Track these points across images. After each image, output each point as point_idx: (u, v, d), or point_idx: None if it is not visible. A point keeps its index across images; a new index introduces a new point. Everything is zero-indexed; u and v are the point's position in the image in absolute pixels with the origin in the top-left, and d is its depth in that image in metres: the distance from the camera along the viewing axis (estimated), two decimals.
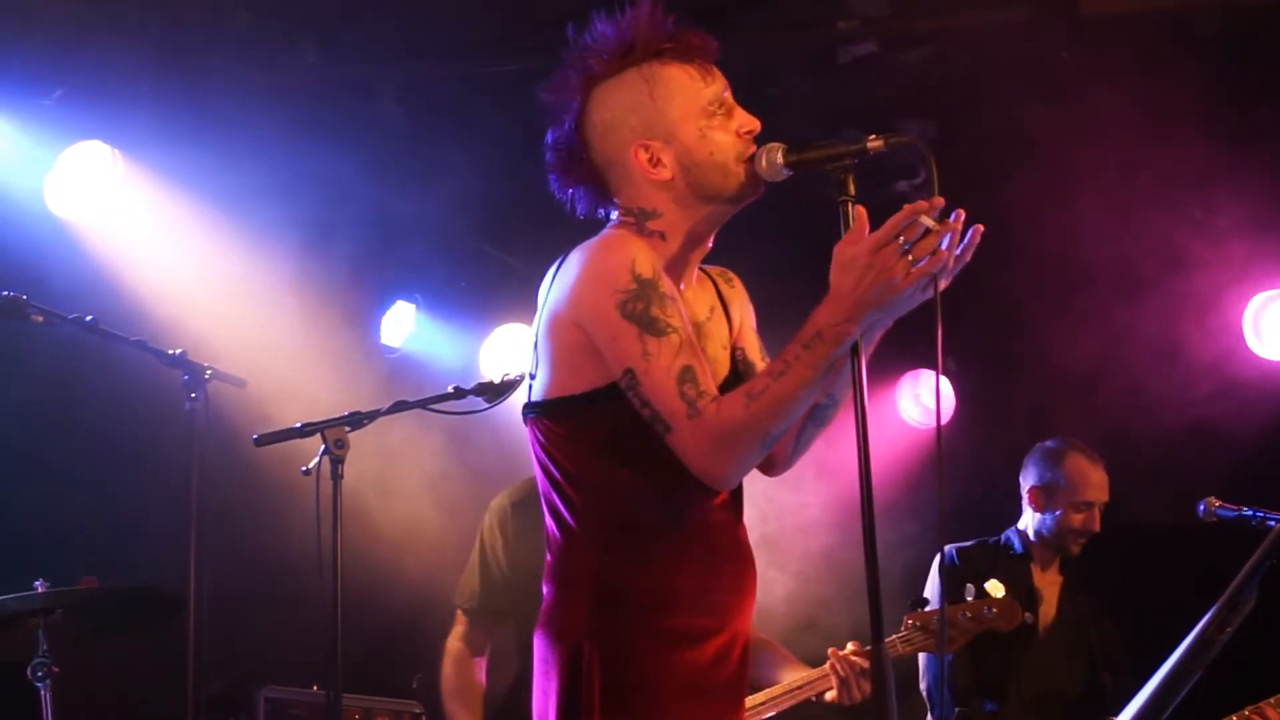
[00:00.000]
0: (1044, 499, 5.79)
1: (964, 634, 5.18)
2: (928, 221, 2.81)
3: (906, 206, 2.82)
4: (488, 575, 4.96)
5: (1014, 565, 5.80)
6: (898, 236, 2.80)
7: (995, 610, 5.19)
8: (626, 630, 2.99)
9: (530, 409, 3.11)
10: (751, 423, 2.87)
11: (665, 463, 2.96)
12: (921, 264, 2.81)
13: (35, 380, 5.55)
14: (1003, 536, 5.91)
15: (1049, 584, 5.86)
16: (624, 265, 2.96)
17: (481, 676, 5.01)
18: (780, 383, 2.86)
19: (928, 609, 5.12)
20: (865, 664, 4.88)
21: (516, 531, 4.93)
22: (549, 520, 3.10)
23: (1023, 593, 5.78)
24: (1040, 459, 5.87)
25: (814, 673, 4.95)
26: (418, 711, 5.60)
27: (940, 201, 2.82)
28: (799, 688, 4.95)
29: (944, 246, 2.82)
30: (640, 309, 2.94)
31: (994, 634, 5.51)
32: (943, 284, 2.87)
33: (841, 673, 4.89)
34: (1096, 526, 5.77)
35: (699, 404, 2.90)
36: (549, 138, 3.19)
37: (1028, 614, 5.78)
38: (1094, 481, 5.79)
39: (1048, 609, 5.83)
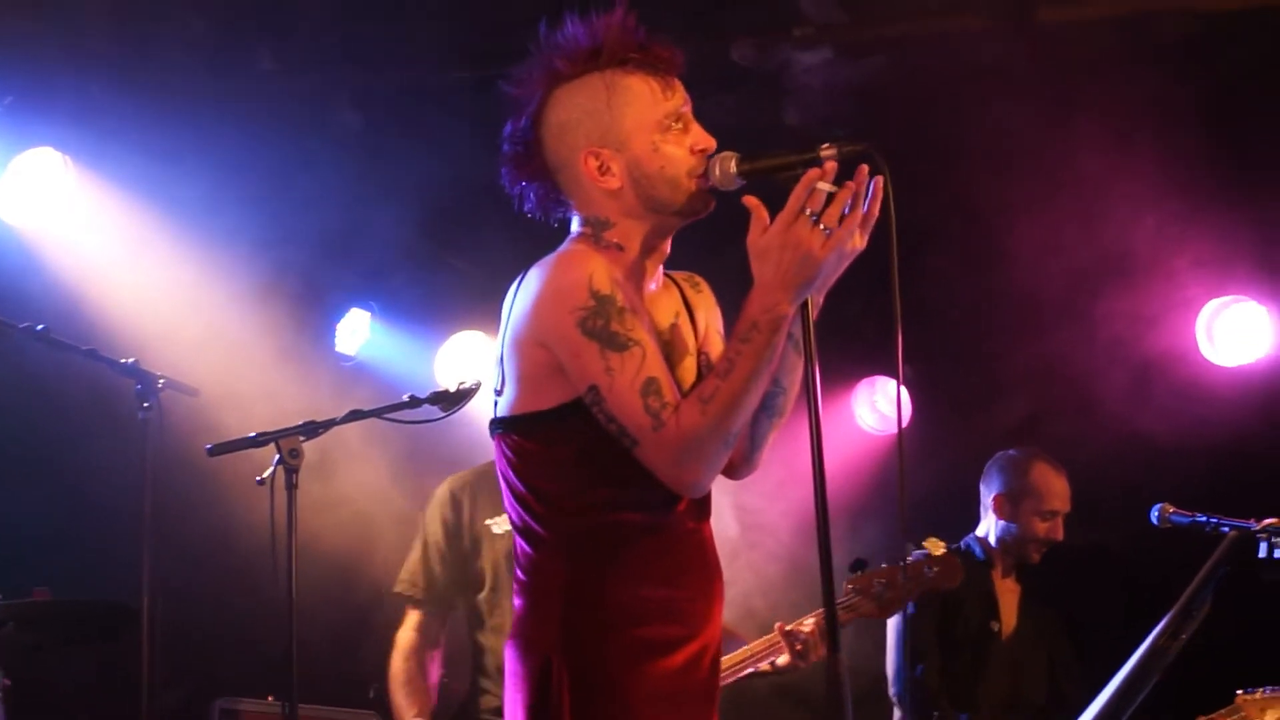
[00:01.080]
0: (1009, 507, 5.81)
1: (904, 595, 4.92)
2: (825, 186, 2.87)
3: (803, 177, 2.89)
4: (429, 563, 4.98)
5: (976, 572, 5.81)
6: (803, 210, 2.87)
7: (936, 569, 4.97)
8: (596, 642, 3.00)
9: (497, 425, 3.11)
10: (711, 425, 2.90)
11: (632, 475, 2.97)
12: (835, 230, 2.87)
13: None
14: (963, 543, 5.92)
15: (1009, 591, 5.88)
16: (581, 282, 2.96)
17: (433, 670, 5.00)
18: (729, 381, 2.90)
19: (867, 571, 4.85)
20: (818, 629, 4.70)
21: (458, 519, 4.94)
22: (518, 537, 3.10)
23: (985, 600, 5.80)
24: (1005, 467, 5.89)
25: (760, 643, 4.82)
26: None
27: (833, 166, 2.89)
28: (750, 657, 4.80)
29: (849, 209, 2.89)
30: (600, 325, 2.94)
31: (959, 638, 5.53)
32: (861, 242, 2.94)
33: (799, 643, 4.75)
34: (1060, 535, 5.80)
35: (663, 415, 2.91)
36: (505, 130, 3.19)
37: (993, 622, 5.80)
38: (1059, 491, 5.81)
39: (1009, 616, 5.85)
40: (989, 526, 5.89)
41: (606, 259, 3.06)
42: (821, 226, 2.86)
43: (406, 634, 5.02)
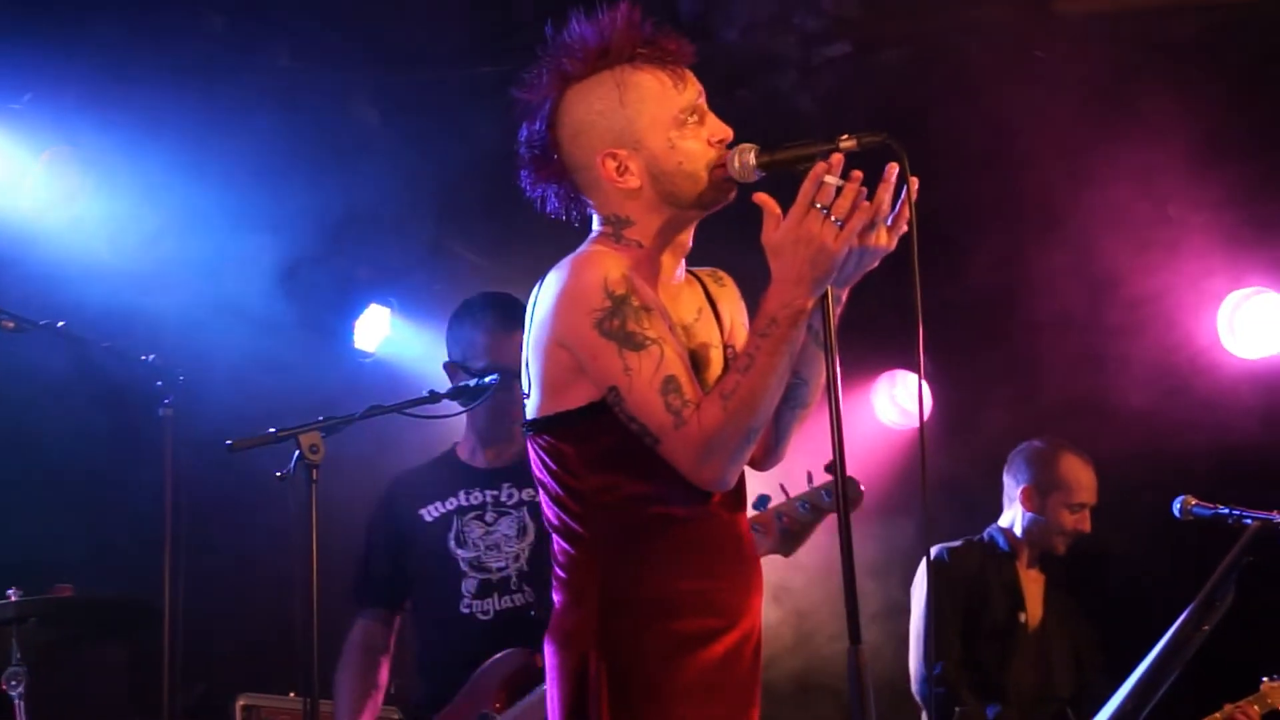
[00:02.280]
0: (1037, 499, 5.78)
1: (806, 527, 4.32)
2: (832, 180, 2.86)
3: (810, 172, 2.88)
4: (372, 560, 4.84)
5: (1001, 563, 5.80)
6: (813, 204, 2.86)
7: (834, 496, 4.38)
8: (634, 637, 3.01)
9: (529, 427, 3.13)
10: (732, 421, 2.91)
11: (664, 470, 2.99)
12: (849, 222, 2.86)
13: (5, 387, 5.51)
14: (986, 534, 5.90)
15: (1033, 581, 5.86)
16: (596, 283, 2.98)
17: (381, 673, 4.83)
18: (749, 376, 2.91)
19: (770, 505, 4.30)
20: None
21: (398, 514, 4.83)
22: (555, 535, 3.12)
23: (1011, 591, 5.78)
24: (1033, 458, 5.85)
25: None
26: (396, 718, 5.57)
27: (839, 158, 2.88)
28: None
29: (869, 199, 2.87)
30: (617, 325, 2.96)
31: (986, 630, 5.49)
32: (888, 242, 2.95)
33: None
34: (1087, 527, 5.78)
35: (684, 413, 2.93)
36: (521, 134, 3.19)
37: (1020, 613, 5.79)
38: (1087, 483, 5.79)
39: (1034, 607, 5.83)
40: (1014, 517, 5.86)
41: (626, 257, 3.07)
42: (834, 219, 2.86)
43: (357, 635, 4.83)
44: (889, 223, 2.96)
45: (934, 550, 5.76)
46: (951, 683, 5.59)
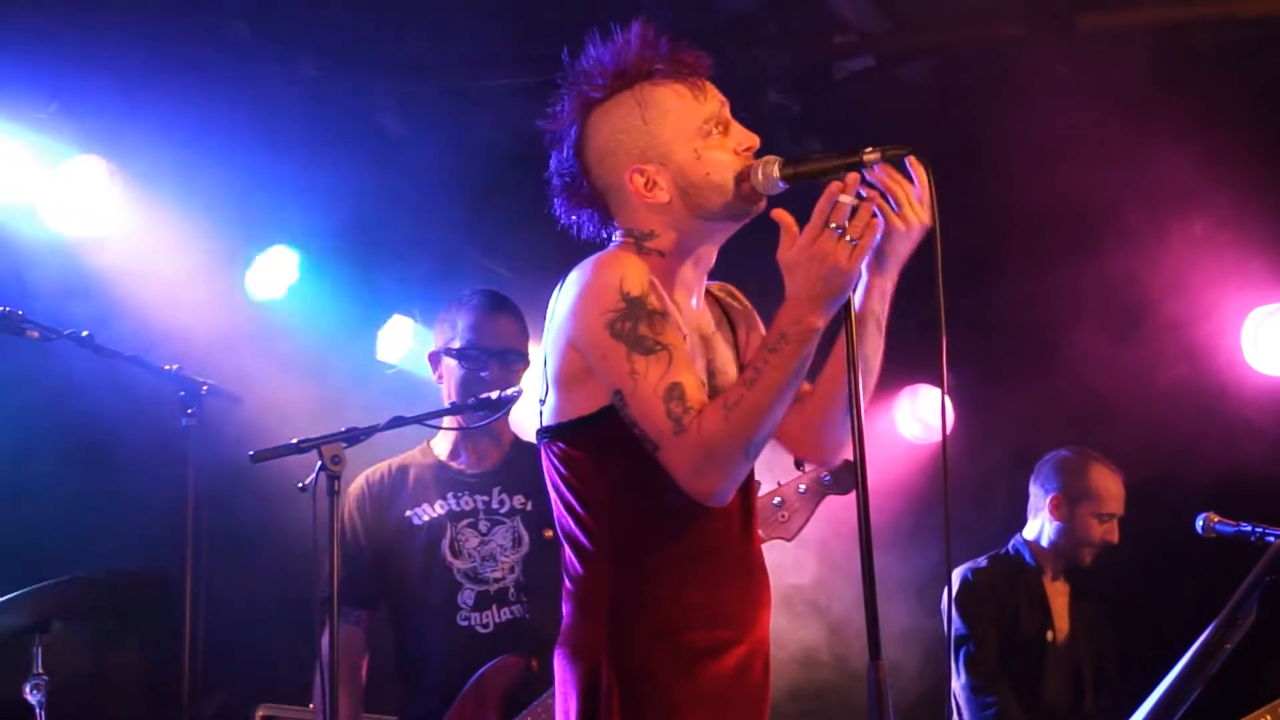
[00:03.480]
0: (1066, 508, 5.78)
1: (805, 510, 4.51)
2: (847, 199, 2.86)
3: (824, 191, 2.88)
4: (350, 560, 4.65)
5: (1029, 579, 5.79)
6: (827, 223, 2.85)
7: (830, 477, 4.50)
8: (644, 648, 3.01)
9: (544, 433, 3.13)
10: (733, 433, 2.89)
11: (675, 481, 2.98)
12: (863, 240, 2.86)
13: (30, 397, 5.53)
14: (1010, 548, 5.88)
15: (1058, 594, 5.85)
16: (613, 284, 2.98)
17: (362, 677, 4.76)
18: (754, 389, 2.89)
19: (764, 493, 4.32)
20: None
21: (377, 513, 4.78)
22: (565, 545, 3.12)
23: (1040, 607, 5.76)
24: (1062, 467, 5.85)
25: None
26: None
27: (855, 177, 2.89)
28: None
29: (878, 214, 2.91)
30: (628, 328, 2.95)
31: (1019, 648, 5.46)
32: (923, 217, 3.01)
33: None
34: (1115, 538, 5.78)
35: (684, 420, 2.91)
36: (551, 164, 3.21)
37: (1048, 632, 5.77)
38: (1115, 493, 5.81)
39: (1061, 622, 5.82)
40: (1040, 528, 5.84)
41: (646, 263, 3.07)
42: (848, 238, 2.85)
43: (330, 641, 4.48)
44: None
45: (959, 571, 5.75)
46: (1006, 708, 5.56)
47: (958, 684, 5.67)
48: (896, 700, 2.86)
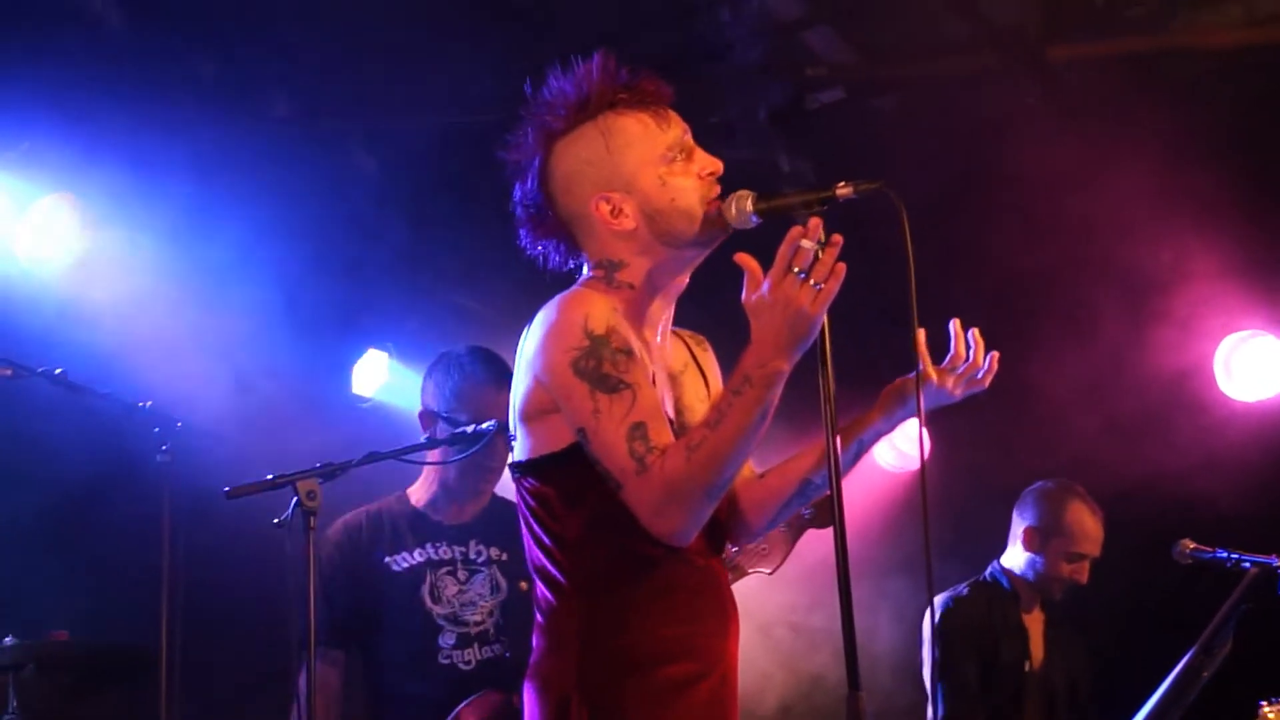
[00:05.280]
0: (1038, 540, 5.75)
1: (786, 543, 4.50)
2: (808, 244, 2.83)
3: (787, 236, 2.85)
4: (332, 606, 4.62)
5: (1006, 607, 5.78)
6: (790, 268, 2.82)
7: (811, 511, 4.42)
8: (615, 682, 2.99)
9: (515, 469, 3.13)
10: (695, 474, 2.88)
11: None
12: (828, 285, 2.83)
13: (2, 434, 5.51)
14: (988, 574, 5.86)
15: (1034, 621, 5.84)
16: (577, 322, 2.98)
17: (334, 714, 4.72)
18: (717, 432, 2.88)
19: None
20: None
21: (356, 557, 4.75)
22: (536, 579, 3.11)
23: (1017, 638, 5.75)
24: (1041, 500, 5.82)
25: None
26: None
27: (817, 222, 2.85)
28: None
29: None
30: (592, 366, 2.95)
31: (998, 678, 5.46)
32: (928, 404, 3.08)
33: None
34: (1084, 579, 5.73)
35: (647, 460, 2.91)
36: (515, 195, 3.21)
37: (1025, 662, 5.76)
38: (1091, 535, 5.74)
39: (1037, 650, 5.80)
40: (1015, 556, 5.83)
41: (617, 299, 3.09)
42: (812, 283, 2.82)
43: (317, 683, 4.41)
44: None
45: (940, 599, 5.74)
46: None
47: (935, 714, 5.66)
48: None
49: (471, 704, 4.56)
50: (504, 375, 4.64)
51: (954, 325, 3.19)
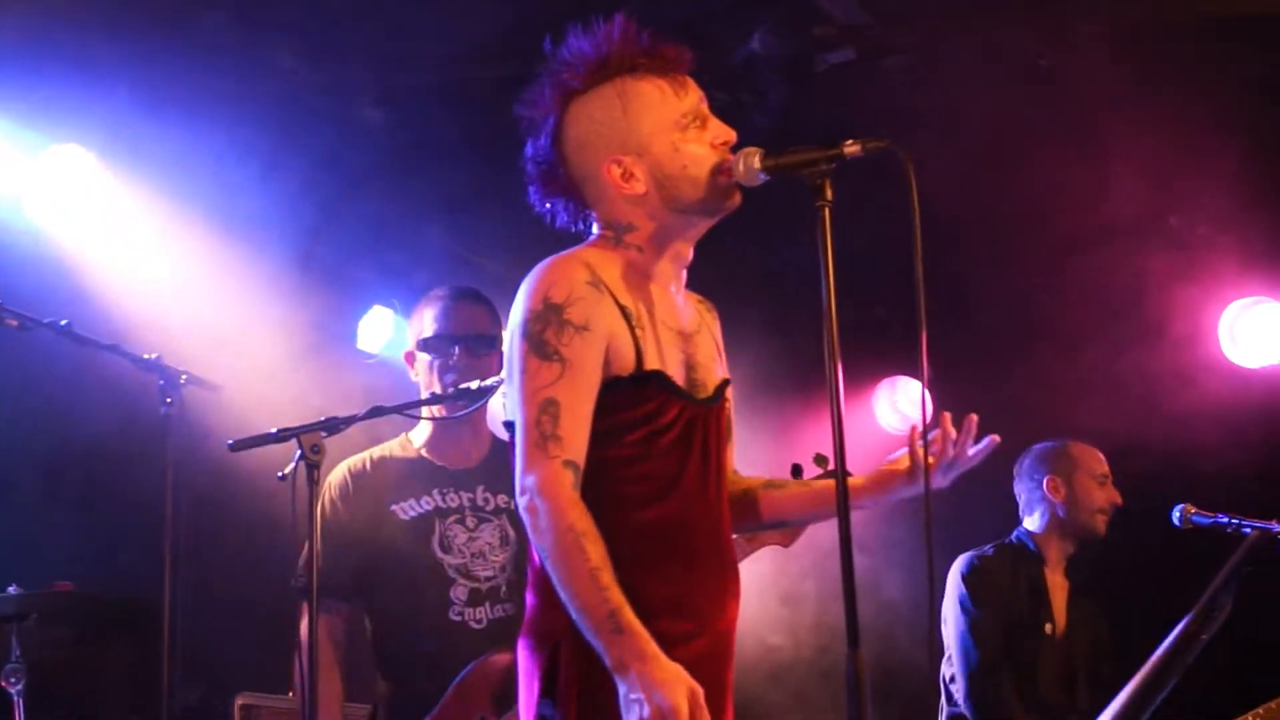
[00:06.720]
0: (1065, 486, 5.81)
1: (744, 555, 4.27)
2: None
3: None
4: (332, 550, 4.51)
5: (1031, 569, 5.81)
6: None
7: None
8: None
9: (508, 425, 3.13)
10: (556, 532, 2.92)
11: (641, 472, 3.01)
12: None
13: (7, 384, 5.52)
14: (1014, 537, 5.90)
15: (1059, 589, 5.86)
16: (543, 289, 3.03)
17: (343, 668, 4.66)
18: (567, 572, 2.92)
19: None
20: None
21: (360, 503, 4.65)
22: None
23: (1040, 601, 5.78)
24: (1045, 455, 5.92)
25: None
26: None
27: None
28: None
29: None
30: (537, 330, 3.00)
31: (1018, 639, 5.47)
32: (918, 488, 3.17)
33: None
34: (1119, 498, 5.81)
35: (548, 448, 2.95)
36: (527, 151, 3.22)
37: (1047, 624, 5.78)
38: (1102, 457, 5.88)
39: (1059, 616, 5.82)
40: (1040, 517, 5.86)
41: (620, 259, 3.11)
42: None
43: (320, 634, 4.39)
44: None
45: (965, 557, 5.78)
46: (1005, 697, 5.58)
47: (952, 669, 5.67)
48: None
49: (482, 665, 4.52)
50: (468, 294, 4.78)
51: (944, 420, 3.33)
